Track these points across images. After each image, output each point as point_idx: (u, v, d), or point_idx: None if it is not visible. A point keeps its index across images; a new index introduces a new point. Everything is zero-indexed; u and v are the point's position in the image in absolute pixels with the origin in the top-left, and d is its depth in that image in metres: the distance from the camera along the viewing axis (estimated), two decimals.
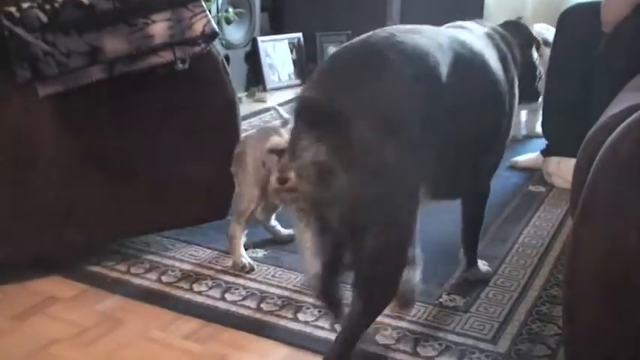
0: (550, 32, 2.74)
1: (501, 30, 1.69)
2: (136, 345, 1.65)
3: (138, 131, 1.97)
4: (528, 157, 2.81)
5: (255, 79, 4.34)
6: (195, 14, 1.90)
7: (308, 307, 1.77)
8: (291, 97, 4.11)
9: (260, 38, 4.38)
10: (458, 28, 1.60)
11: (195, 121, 2.02)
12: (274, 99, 4.10)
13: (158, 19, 1.85)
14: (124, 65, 1.83)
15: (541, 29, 2.84)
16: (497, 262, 1.99)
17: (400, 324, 1.69)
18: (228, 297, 1.84)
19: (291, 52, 4.52)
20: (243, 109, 3.41)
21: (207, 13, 1.93)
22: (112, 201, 1.98)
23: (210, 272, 1.97)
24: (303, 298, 1.82)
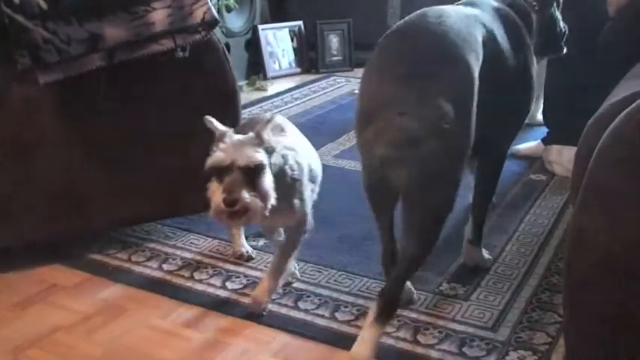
0: None
1: (512, 1, 1.80)
2: (137, 333, 1.65)
3: (138, 120, 1.97)
4: (529, 146, 2.81)
5: (256, 68, 4.32)
6: (195, 1, 1.89)
7: (308, 296, 1.78)
8: (292, 85, 4.11)
9: (260, 26, 4.36)
10: (469, 5, 1.70)
11: (196, 110, 2.01)
12: (275, 87, 4.09)
13: (158, 7, 1.84)
14: (124, 53, 1.83)
15: None
16: (498, 251, 2.00)
17: (400, 312, 1.69)
18: (228, 285, 1.85)
19: (292, 41, 4.50)
20: (244, 98, 3.41)
21: (208, 0, 1.92)
22: (112, 189, 1.98)
23: (211, 261, 1.97)
24: (303, 286, 1.83)
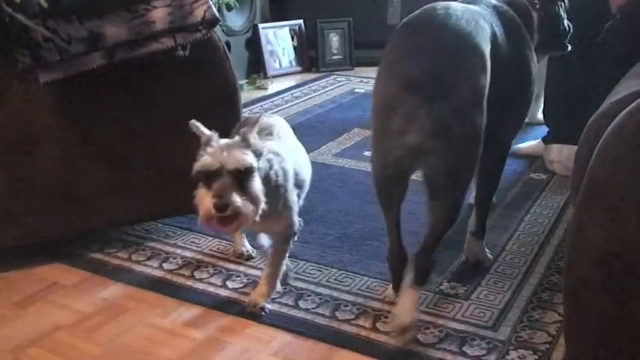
0: None
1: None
2: (138, 332, 1.66)
3: (138, 118, 1.97)
4: (529, 145, 2.81)
5: (256, 66, 4.32)
6: (195, 0, 1.89)
7: (309, 295, 1.78)
8: (292, 83, 4.11)
9: (261, 25, 4.36)
10: (469, 3, 1.72)
11: (196, 109, 2.01)
12: (275, 86, 4.09)
13: (158, 5, 1.84)
14: (124, 52, 1.83)
15: None
16: (498, 250, 2.00)
17: None
18: (229, 284, 1.85)
19: (292, 39, 4.50)
20: (244, 97, 3.40)
21: None
22: (112, 188, 1.98)
23: (211, 260, 1.97)
24: (303, 285, 1.83)
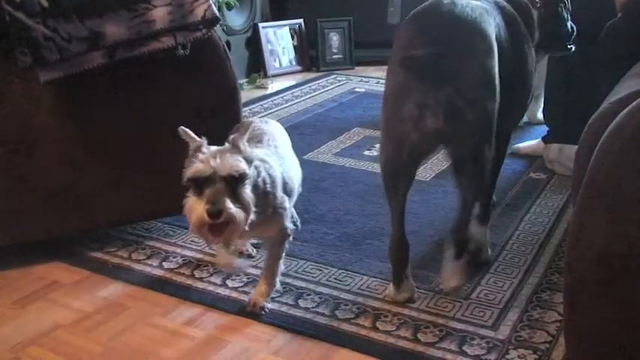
0: None
1: None
2: (138, 331, 1.66)
3: (138, 117, 1.97)
4: (529, 144, 2.81)
5: (256, 66, 4.32)
6: None
7: (308, 294, 1.78)
8: (292, 83, 4.11)
9: (261, 24, 4.36)
10: None
11: (196, 108, 2.02)
12: (275, 85, 4.09)
13: (159, 4, 1.83)
14: (124, 51, 1.83)
15: None
16: (498, 249, 2.00)
17: (401, 310, 1.70)
18: (229, 283, 1.85)
19: (292, 39, 4.50)
20: (244, 96, 3.40)
21: None
22: (112, 187, 1.98)
23: (211, 259, 1.97)
24: (303, 284, 1.83)
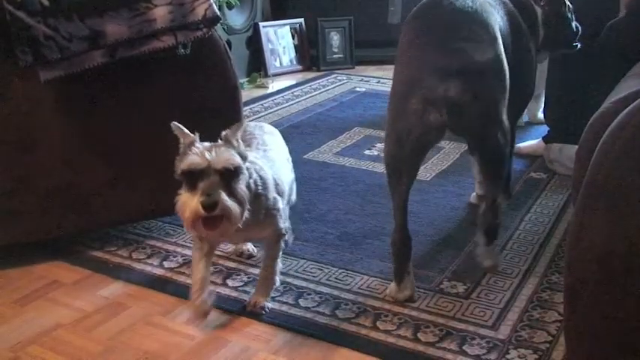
0: None
1: None
2: (138, 330, 1.66)
3: (139, 117, 1.97)
4: (530, 144, 2.81)
5: (257, 65, 4.32)
6: None
7: (309, 294, 1.78)
8: (293, 82, 4.11)
9: (261, 23, 4.36)
10: None
11: (197, 107, 2.02)
12: (276, 84, 4.09)
13: (159, 3, 1.83)
14: (125, 50, 1.83)
15: None
16: (499, 249, 1.99)
17: (401, 310, 1.70)
18: (229, 283, 1.85)
19: (293, 38, 4.50)
20: (245, 95, 3.40)
21: None
22: (112, 186, 1.98)
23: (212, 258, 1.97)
24: (303, 284, 1.83)
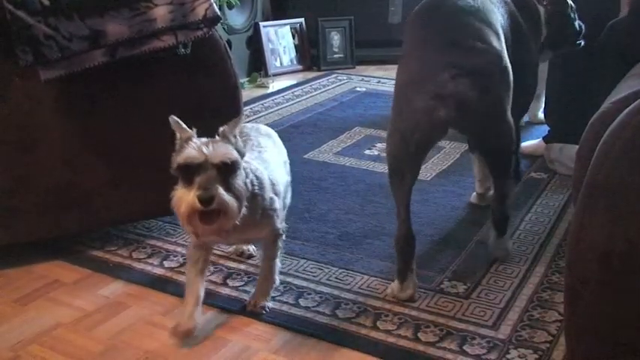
0: None
1: None
2: (138, 329, 1.66)
3: (139, 116, 1.97)
4: (530, 144, 2.81)
5: (257, 65, 4.32)
6: None
7: (309, 293, 1.78)
8: (293, 82, 4.11)
9: (262, 23, 4.36)
10: None
11: (197, 107, 2.02)
12: (276, 84, 4.09)
13: (160, 3, 1.83)
14: (125, 49, 1.83)
15: None
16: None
17: (401, 310, 1.70)
18: (230, 282, 1.85)
19: (293, 38, 4.50)
20: (245, 95, 3.40)
21: None
22: (113, 186, 1.98)
23: (212, 258, 1.96)
24: (304, 284, 1.83)
